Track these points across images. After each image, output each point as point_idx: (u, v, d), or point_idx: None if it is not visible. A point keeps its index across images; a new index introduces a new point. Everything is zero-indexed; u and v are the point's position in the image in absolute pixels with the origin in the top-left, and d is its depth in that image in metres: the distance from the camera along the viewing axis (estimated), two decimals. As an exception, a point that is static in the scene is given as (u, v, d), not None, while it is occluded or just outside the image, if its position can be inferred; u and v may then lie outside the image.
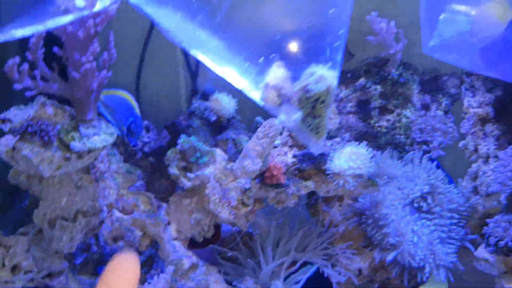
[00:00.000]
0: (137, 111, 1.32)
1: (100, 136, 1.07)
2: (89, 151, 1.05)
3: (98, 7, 0.66)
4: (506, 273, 1.13)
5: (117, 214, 1.23)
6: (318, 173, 1.15)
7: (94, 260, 1.48)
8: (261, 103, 0.70)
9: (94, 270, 1.44)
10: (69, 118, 1.12)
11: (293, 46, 0.68)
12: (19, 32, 0.65)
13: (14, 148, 1.00)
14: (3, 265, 1.08)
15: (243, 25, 0.68)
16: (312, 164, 1.14)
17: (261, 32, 0.69)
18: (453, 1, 1.12)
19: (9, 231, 1.24)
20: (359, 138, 1.42)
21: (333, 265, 1.30)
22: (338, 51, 0.65)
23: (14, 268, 1.10)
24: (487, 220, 1.15)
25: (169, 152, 1.22)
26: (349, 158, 1.10)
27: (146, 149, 1.45)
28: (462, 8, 1.11)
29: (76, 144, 1.03)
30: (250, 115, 1.46)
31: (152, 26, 1.64)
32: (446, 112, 1.44)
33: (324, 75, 0.65)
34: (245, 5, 0.68)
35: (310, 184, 1.13)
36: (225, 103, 1.26)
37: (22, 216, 1.44)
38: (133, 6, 0.73)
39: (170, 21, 0.71)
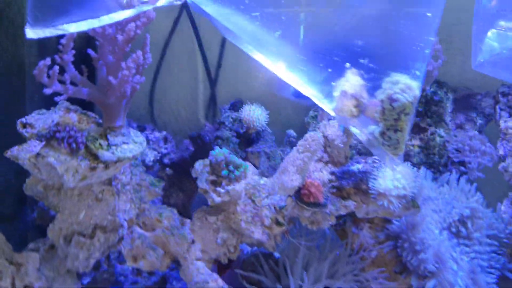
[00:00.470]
0: None
1: (129, 145, 0.99)
2: (117, 160, 0.96)
3: (161, 2, 0.59)
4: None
5: (139, 230, 1.13)
6: (358, 192, 1.08)
7: (103, 280, 1.37)
8: (332, 113, 0.64)
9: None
10: (94, 124, 1.04)
11: (371, 53, 0.62)
12: (73, 27, 0.58)
13: (37, 155, 0.91)
14: (13, 285, 0.98)
15: (319, 31, 0.62)
16: (353, 183, 1.07)
17: (337, 38, 0.63)
18: (503, 17, 1.08)
19: (15, 243, 1.14)
20: (392, 157, 1.36)
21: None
22: (425, 59, 0.60)
23: (25, 289, 0.99)
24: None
25: (197, 165, 1.14)
26: (394, 177, 1.03)
27: (165, 160, 1.37)
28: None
29: (105, 153, 0.94)
30: (278, 127, 1.40)
31: (171, 32, 1.59)
32: (480, 132, 1.39)
33: (410, 85, 0.59)
34: (324, 11, 0.62)
35: (350, 204, 1.06)
36: (257, 115, 1.19)
37: (29, 228, 1.34)
38: (191, 6, 0.66)
39: (232, 22, 0.65)
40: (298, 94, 1.12)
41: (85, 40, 1.07)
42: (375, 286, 1.22)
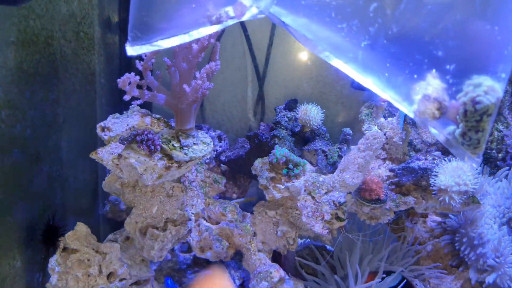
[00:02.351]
0: None
1: (199, 146, 1.06)
2: (189, 160, 1.04)
3: (246, 16, 0.64)
4: None
5: (205, 223, 1.21)
6: (418, 188, 1.11)
7: (168, 268, 1.48)
8: (411, 115, 0.67)
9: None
10: (165, 126, 1.13)
11: (452, 56, 0.64)
12: (167, 43, 0.64)
13: (120, 156, 1.00)
14: (100, 271, 1.08)
15: (400, 36, 0.65)
16: (413, 179, 1.09)
17: (418, 42, 0.65)
18: None
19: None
20: (448, 152, 1.36)
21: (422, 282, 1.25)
22: (510, 60, 0.61)
23: (110, 275, 1.10)
24: None
25: (256, 163, 1.20)
26: (454, 173, 1.05)
27: (222, 157, 1.43)
28: None
29: (178, 154, 1.02)
30: (328, 125, 1.43)
31: (221, 33, 1.65)
32: (539, 127, 1.37)
33: (493, 87, 0.61)
34: (403, 14, 0.65)
35: (410, 200, 1.08)
36: (314, 114, 1.23)
37: (101, 221, 1.45)
38: (269, 16, 0.71)
39: (311, 31, 0.69)
40: (358, 86, 1.14)
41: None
42: (431, 279, 1.25)
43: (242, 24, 1.59)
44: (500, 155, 1.34)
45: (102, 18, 1.36)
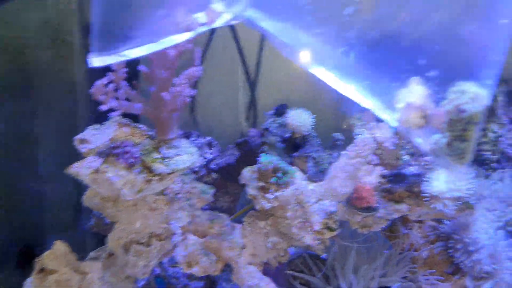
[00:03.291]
0: None
1: (182, 156, 1.02)
2: (171, 172, 0.99)
3: (220, 22, 0.60)
4: None
5: (191, 237, 1.16)
6: (411, 195, 1.07)
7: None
8: (395, 124, 0.63)
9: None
10: (147, 137, 1.08)
11: (436, 62, 0.60)
12: (135, 52, 0.60)
13: (97, 171, 0.95)
14: (80, 293, 1.03)
15: (382, 43, 0.61)
16: (405, 186, 1.05)
17: (400, 49, 0.62)
18: None
19: (74, 250, 1.20)
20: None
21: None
22: (497, 66, 0.57)
23: (91, 296, 1.05)
24: None
25: (245, 171, 1.16)
26: (448, 179, 1.01)
27: (212, 165, 1.39)
28: None
29: (159, 166, 0.97)
30: (320, 130, 1.39)
31: (210, 37, 1.61)
32: (534, 126, 1.33)
33: (479, 94, 0.58)
34: (383, 18, 0.61)
35: (403, 208, 1.05)
36: (303, 120, 1.19)
37: (86, 235, 1.40)
38: (246, 21, 0.67)
39: (288, 36, 0.65)
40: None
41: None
42: (427, 287, 1.21)
43: (232, 27, 1.55)
44: (495, 157, 1.30)
45: (82, 24, 1.31)
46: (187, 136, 1.46)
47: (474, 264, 1.16)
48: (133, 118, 1.12)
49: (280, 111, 1.29)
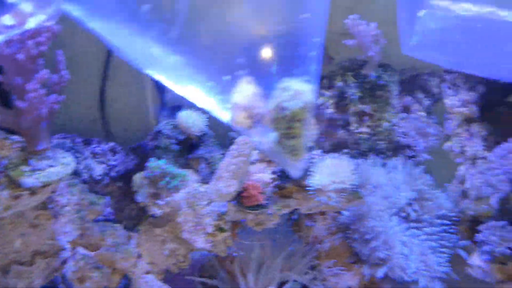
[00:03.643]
0: None
1: (56, 168, 0.96)
2: (44, 185, 0.93)
3: (31, 24, 0.55)
4: (503, 282, 1.07)
5: (81, 251, 1.11)
6: (300, 190, 1.07)
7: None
8: (231, 124, 0.61)
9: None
10: (17, 149, 1.00)
11: (262, 59, 0.59)
12: None
13: (-49, 191, 0.87)
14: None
15: (205, 39, 0.59)
16: (292, 181, 1.05)
17: (225, 45, 0.60)
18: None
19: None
20: (339, 146, 1.34)
21: (321, 283, 1.22)
22: (314, 61, 0.57)
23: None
24: (480, 227, 1.09)
25: (135, 178, 1.12)
26: (330, 172, 1.02)
27: (113, 173, 1.33)
28: (443, 3, 1.03)
29: (27, 180, 0.91)
30: (225, 129, 1.37)
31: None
32: (428, 113, 1.38)
33: (300, 90, 0.57)
34: (206, 17, 0.59)
35: (291, 203, 1.05)
36: (193, 120, 1.16)
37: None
38: (76, 21, 0.62)
39: (119, 38, 0.61)
40: None
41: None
42: (330, 278, 1.22)
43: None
44: (390, 145, 1.34)
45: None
46: (86, 143, 1.38)
47: (371, 252, 1.18)
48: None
49: (175, 112, 1.25)
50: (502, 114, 1.22)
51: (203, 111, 1.25)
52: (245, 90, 0.59)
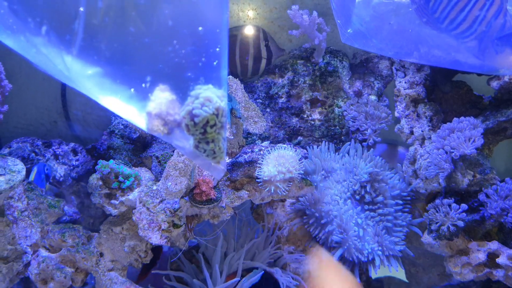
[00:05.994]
0: None
1: (5, 176, 0.97)
2: (-9, 195, 0.95)
3: None
4: (452, 257, 1.12)
5: (43, 253, 1.13)
6: (251, 181, 1.10)
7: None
8: (148, 132, 0.63)
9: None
10: (-34, 161, 1.02)
11: (174, 68, 0.60)
12: None
13: None
14: None
15: (113, 48, 0.60)
16: (242, 173, 1.08)
17: (134, 54, 0.61)
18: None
19: None
20: (293, 134, 1.37)
21: (282, 269, 1.26)
22: (219, 69, 0.59)
23: None
24: (428, 205, 1.13)
25: (90, 179, 1.14)
26: (277, 162, 1.05)
27: (73, 174, 1.35)
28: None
29: (-27, 191, 0.93)
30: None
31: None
32: (380, 96, 1.41)
33: (210, 97, 0.58)
34: (109, 27, 0.60)
35: (243, 194, 1.07)
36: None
37: None
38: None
39: (27, 51, 0.62)
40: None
41: None
42: (290, 263, 1.26)
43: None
44: (343, 131, 1.36)
45: None
46: (47, 145, 1.39)
47: (327, 236, 1.22)
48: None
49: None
50: (447, 94, 1.25)
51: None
52: (160, 98, 0.60)
